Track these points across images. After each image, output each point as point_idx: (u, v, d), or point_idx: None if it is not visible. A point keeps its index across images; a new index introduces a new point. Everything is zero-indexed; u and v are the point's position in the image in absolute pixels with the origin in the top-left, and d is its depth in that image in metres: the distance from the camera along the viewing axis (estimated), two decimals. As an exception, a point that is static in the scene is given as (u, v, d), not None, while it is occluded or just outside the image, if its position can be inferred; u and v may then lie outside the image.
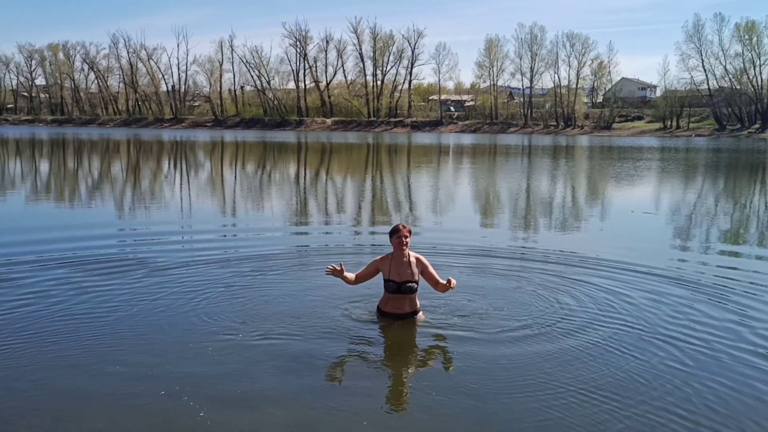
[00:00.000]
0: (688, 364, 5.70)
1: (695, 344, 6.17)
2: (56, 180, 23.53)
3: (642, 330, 6.53)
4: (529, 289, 7.98)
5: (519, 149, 51.65)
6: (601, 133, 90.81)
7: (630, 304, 7.41)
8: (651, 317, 6.94)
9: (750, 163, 37.32)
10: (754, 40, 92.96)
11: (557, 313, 7.04)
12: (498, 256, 9.98)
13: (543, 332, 6.41)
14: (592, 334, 6.38)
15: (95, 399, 4.92)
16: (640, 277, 8.66)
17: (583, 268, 9.14)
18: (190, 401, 4.84)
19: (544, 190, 20.98)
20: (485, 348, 5.96)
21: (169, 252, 10.01)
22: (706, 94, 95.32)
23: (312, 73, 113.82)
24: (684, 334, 6.43)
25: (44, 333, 6.25)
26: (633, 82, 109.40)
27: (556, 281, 8.34)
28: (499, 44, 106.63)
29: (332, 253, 10.27)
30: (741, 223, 14.94)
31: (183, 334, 6.29)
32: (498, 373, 5.43)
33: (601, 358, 5.77)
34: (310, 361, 5.63)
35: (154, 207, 16.08)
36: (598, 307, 7.27)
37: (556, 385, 5.19)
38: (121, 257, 9.66)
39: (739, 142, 70.33)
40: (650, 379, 5.35)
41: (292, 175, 27.39)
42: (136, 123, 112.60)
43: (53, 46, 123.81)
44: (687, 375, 5.45)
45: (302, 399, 4.93)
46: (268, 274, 8.72)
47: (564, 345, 6.06)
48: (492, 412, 4.80)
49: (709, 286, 8.25)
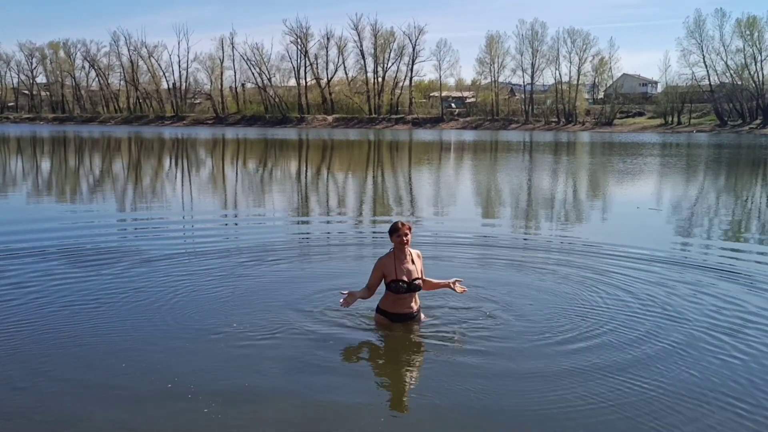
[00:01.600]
0: (741, 357, 5.69)
1: (748, 337, 6.16)
2: (58, 177, 23.51)
3: (692, 324, 6.52)
4: (562, 282, 8.02)
5: (521, 146, 51.59)
6: (602, 130, 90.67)
7: (675, 295, 7.45)
8: (696, 309, 6.95)
9: (761, 159, 37.26)
10: (756, 35, 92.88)
11: (592, 305, 7.06)
12: (503, 246, 9.97)
13: (580, 329, 6.33)
14: (628, 330, 6.33)
15: (96, 395, 4.88)
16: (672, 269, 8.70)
17: (610, 258, 9.28)
18: (195, 396, 4.81)
19: (546, 187, 20.93)
20: (501, 345, 5.91)
21: (170, 244, 9.99)
22: (707, 90, 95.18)
23: (313, 70, 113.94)
24: (737, 325, 6.46)
25: (44, 326, 6.22)
26: (634, 78, 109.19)
27: (586, 274, 8.39)
28: (500, 40, 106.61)
29: (333, 244, 10.25)
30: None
31: (185, 329, 6.24)
32: (512, 371, 5.37)
33: (641, 349, 5.74)
34: (313, 358, 5.58)
35: (156, 201, 16.06)
36: (629, 300, 7.28)
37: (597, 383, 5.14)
38: (118, 249, 9.63)
39: (740, 137, 70.21)
40: (711, 372, 5.34)
41: (294, 170, 27.35)
42: (137, 121, 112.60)
43: (54, 44, 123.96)
44: (744, 367, 5.45)
45: (307, 395, 4.90)
46: (270, 266, 8.73)
47: (602, 342, 6.00)
48: (499, 409, 4.76)
49: (739, 273, 8.30)
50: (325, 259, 9.45)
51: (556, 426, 4.50)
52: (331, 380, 5.18)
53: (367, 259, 8.74)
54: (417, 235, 7.76)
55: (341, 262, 9.22)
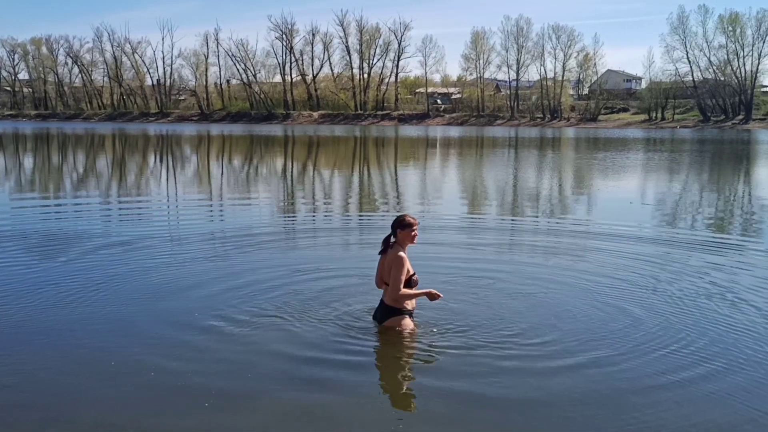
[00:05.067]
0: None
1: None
2: (36, 171, 23.30)
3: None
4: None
5: (507, 141, 51.73)
6: (587, 125, 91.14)
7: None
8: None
9: (749, 153, 37.65)
10: (738, 31, 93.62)
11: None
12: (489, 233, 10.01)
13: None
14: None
15: (85, 391, 4.85)
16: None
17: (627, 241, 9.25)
18: (187, 392, 4.80)
19: (532, 183, 21.01)
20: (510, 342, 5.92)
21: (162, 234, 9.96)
22: (691, 86, 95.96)
23: (298, 66, 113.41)
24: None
25: (32, 322, 6.17)
26: (618, 74, 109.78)
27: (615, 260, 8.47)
28: (485, 37, 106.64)
29: (320, 232, 10.25)
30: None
31: (179, 322, 6.21)
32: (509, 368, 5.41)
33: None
34: (317, 355, 5.54)
35: (141, 192, 15.95)
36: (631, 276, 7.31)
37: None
38: (102, 235, 9.58)
39: (723, 133, 70.87)
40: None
41: (281, 166, 27.26)
42: (122, 117, 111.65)
43: (36, 40, 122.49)
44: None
45: (308, 393, 4.89)
46: (264, 258, 8.70)
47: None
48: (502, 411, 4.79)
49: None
50: (311, 246, 9.46)
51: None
52: (332, 379, 5.15)
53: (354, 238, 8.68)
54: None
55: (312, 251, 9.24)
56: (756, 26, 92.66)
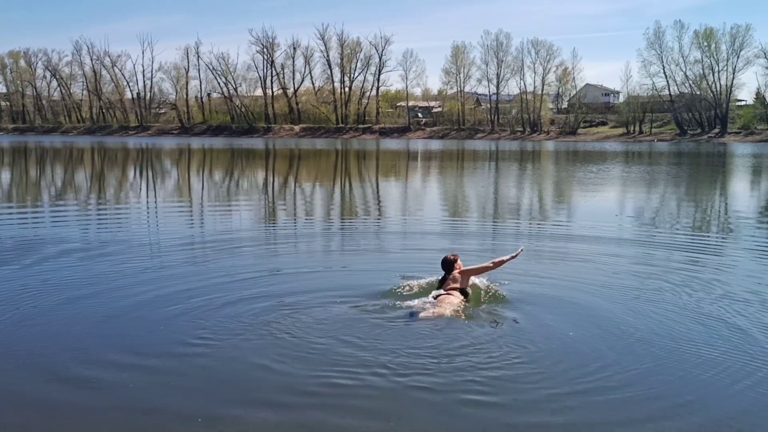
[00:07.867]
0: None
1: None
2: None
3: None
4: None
5: (487, 154, 52.05)
6: (566, 139, 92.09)
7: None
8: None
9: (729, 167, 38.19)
10: (713, 46, 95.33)
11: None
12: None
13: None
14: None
15: (62, 403, 4.81)
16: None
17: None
18: (188, 398, 4.76)
19: (512, 197, 21.14)
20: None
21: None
22: (668, 100, 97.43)
23: (279, 79, 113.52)
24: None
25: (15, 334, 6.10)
26: (597, 88, 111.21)
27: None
28: (465, 51, 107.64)
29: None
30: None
31: (174, 327, 6.17)
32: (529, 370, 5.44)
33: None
34: (323, 357, 5.59)
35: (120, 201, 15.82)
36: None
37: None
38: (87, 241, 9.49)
39: (699, 146, 71.94)
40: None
41: (261, 179, 27.20)
42: (101, 131, 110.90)
43: (14, 53, 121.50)
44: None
45: (316, 396, 4.91)
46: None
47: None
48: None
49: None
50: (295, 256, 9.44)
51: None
52: (340, 382, 5.16)
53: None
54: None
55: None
56: (730, 41, 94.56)
